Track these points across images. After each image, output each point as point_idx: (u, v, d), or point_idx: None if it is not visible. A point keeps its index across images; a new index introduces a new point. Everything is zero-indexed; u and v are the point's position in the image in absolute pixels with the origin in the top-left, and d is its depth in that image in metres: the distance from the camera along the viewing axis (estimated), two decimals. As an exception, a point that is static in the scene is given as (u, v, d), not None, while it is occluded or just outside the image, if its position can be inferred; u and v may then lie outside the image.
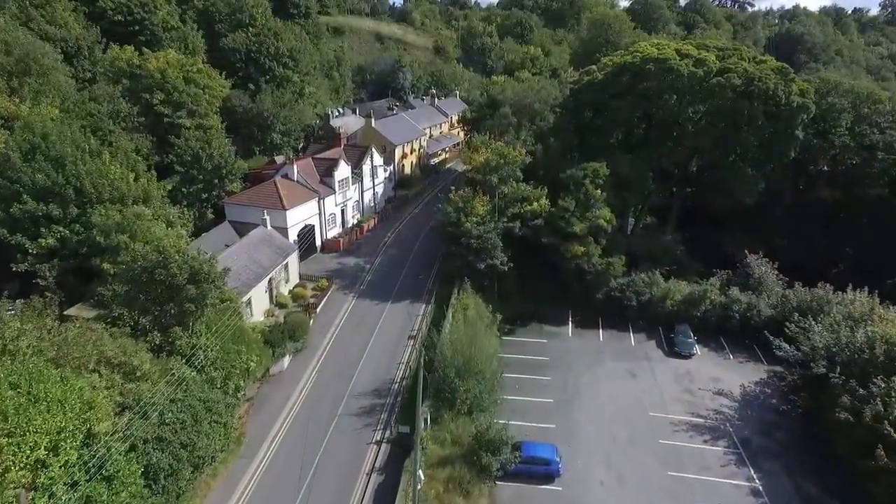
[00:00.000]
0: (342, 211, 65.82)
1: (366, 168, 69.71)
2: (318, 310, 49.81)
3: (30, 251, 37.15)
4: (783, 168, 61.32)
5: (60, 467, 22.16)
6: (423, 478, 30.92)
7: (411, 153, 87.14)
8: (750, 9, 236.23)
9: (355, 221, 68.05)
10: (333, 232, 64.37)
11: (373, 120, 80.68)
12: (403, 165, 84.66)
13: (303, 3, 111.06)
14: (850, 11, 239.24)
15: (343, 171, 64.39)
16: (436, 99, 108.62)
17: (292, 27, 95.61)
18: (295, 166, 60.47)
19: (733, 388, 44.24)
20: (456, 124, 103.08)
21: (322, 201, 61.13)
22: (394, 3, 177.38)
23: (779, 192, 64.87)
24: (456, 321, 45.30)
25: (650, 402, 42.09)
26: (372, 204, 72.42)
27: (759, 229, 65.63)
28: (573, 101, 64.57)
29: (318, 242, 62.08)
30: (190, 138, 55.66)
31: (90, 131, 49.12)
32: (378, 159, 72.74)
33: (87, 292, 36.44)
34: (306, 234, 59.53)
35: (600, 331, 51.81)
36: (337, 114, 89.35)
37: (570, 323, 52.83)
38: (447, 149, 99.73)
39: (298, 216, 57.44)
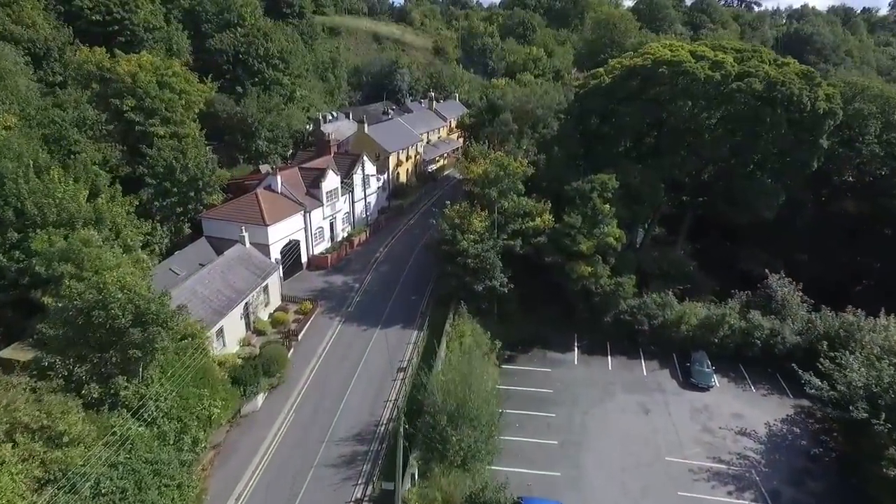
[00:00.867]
0: (331, 224, 61.34)
1: (357, 178, 65.15)
2: (299, 337, 45.53)
3: (-40, 282, 32.85)
4: (805, 178, 56.82)
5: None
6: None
7: (407, 160, 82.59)
8: (757, 8, 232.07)
9: (345, 235, 63.51)
10: (321, 247, 59.90)
11: (365, 126, 76.03)
12: (398, 173, 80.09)
13: (297, 2, 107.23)
14: (858, 11, 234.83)
15: (332, 181, 59.96)
16: (434, 102, 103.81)
17: (283, 27, 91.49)
18: (278, 177, 55.99)
19: (757, 426, 40.28)
20: (455, 129, 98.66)
21: (308, 215, 56.71)
22: (393, 3, 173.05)
23: (799, 204, 60.32)
24: (451, 351, 41.09)
25: (665, 445, 38.21)
26: (364, 215, 67.86)
27: (777, 243, 61.42)
28: (578, 106, 60.20)
29: (304, 259, 57.63)
30: (163, 148, 51.32)
31: (52, 141, 45.04)
32: (370, 168, 68.18)
33: (28, 329, 32.12)
34: (291, 250, 55.14)
35: (609, 358, 48.02)
36: (330, 118, 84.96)
37: (575, 349, 48.95)
38: (445, 155, 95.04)
39: (282, 231, 53.07)
